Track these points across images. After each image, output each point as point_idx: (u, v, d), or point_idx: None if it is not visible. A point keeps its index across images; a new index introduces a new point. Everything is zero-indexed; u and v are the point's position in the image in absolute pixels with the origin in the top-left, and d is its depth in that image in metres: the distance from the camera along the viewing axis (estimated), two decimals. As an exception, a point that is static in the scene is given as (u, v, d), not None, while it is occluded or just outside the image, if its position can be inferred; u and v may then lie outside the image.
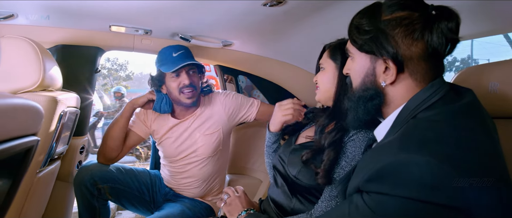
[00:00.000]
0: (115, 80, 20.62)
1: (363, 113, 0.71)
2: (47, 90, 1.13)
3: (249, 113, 1.55)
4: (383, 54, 0.64)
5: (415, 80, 0.64)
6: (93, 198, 1.37)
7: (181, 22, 1.37)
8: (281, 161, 1.07)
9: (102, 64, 22.17)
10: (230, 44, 1.63)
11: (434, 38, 0.60)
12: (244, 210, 1.02)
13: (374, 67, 0.67)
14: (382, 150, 0.60)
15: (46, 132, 1.00)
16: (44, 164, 1.09)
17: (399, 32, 0.62)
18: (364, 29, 0.66)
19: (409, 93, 0.65)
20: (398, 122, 0.65)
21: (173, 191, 1.56)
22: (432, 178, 0.49)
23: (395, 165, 0.53)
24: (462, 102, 0.61)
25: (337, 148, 0.92)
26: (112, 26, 1.39)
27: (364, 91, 0.70)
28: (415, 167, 0.50)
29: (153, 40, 1.55)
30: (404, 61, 0.63)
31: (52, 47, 1.47)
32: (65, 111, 1.09)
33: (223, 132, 1.52)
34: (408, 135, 0.57)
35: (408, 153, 0.52)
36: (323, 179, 0.89)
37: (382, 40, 0.63)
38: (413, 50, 0.62)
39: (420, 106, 0.61)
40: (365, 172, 0.57)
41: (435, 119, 0.58)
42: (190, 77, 1.41)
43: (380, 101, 0.68)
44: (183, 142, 1.48)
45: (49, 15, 1.27)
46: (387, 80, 0.65)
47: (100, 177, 1.37)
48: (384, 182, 0.54)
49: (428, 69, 0.63)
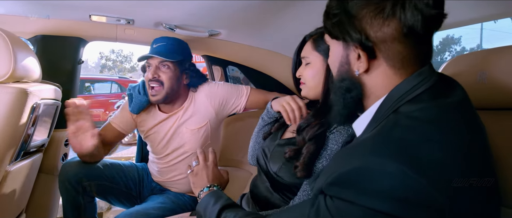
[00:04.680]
0: (120, 71, 20.79)
1: (342, 107, 0.63)
2: (21, 82, 1.10)
3: (238, 103, 1.47)
4: (347, 40, 0.56)
5: (392, 67, 0.55)
6: (78, 195, 1.32)
7: (162, 11, 1.32)
8: (264, 156, 1.03)
9: (107, 55, 22.40)
10: (217, 33, 1.57)
11: (408, 15, 0.51)
12: (207, 186, 0.90)
13: (347, 54, 0.59)
14: (353, 150, 0.53)
15: (16, 125, 0.97)
16: (17, 158, 1.07)
17: (367, 12, 0.53)
18: (332, 13, 0.58)
19: (387, 82, 0.56)
20: (378, 116, 0.57)
21: (160, 186, 1.53)
22: (405, 191, 0.43)
23: (364, 170, 0.47)
24: (452, 98, 0.53)
25: (318, 142, 0.87)
26: (93, 15, 1.35)
27: (340, 82, 0.62)
28: (386, 175, 0.44)
29: (137, 30, 1.50)
30: (376, 45, 0.54)
31: (32, 38, 1.43)
32: (38, 103, 1.06)
33: (211, 125, 1.46)
34: (384, 134, 0.50)
35: (380, 158, 0.46)
36: (301, 172, 0.85)
37: (346, 24, 0.56)
38: (385, 31, 0.53)
39: (403, 97, 0.54)
40: (331, 173, 0.51)
41: (418, 116, 0.50)
42: (156, 72, 1.33)
43: (358, 92, 0.60)
44: (171, 137, 1.44)
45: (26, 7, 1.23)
46: (360, 69, 0.57)
47: (86, 174, 1.31)
48: (349, 187, 0.48)
49: (407, 53, 0.54)
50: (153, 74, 1.32)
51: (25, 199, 1.32)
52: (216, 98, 1.45)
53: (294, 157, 0.89)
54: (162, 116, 1.44)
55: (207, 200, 0.83)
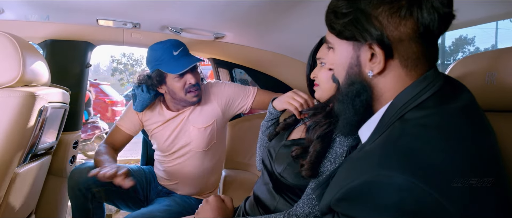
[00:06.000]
0: (131, 75, 21.10)
1: (352, 114, 0.60)
2: (29, 86, 1.12)
3: (244, 103, 1.48)
4: (367, 38, 0.53)
5: (405, 67, 0.54)
6: (87, 201, 1.34)
7: (168, 14, 1.33)
8: (269, 156, 1.02)
9: (118, 59, 22.81)
10: (222, 36, 1.58)
11: (425, 15, 0.50)
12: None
13: (358, 55, 0.57)
14: (360, 162, 0.51)
15: (24, 128, 0.99)
16: (25, 160, 1.09)
17: (383, 11, 0.51)
18: (342, 12, 0.56)
19: (399, 84, 0.54)
20: (383, 122, 0.55)
21: (166, 189, 1.53)
22: (415, 204, 0.42)
23: (372, 184, 0.45)
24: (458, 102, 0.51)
25: (325, 141, 0.86)
26: (100, 20, 1.37)
27: (350, 86, 0.59)
28: (395, 188, 0.43)
29: (143, 33, 1.52)
30: (392, 44, 0.53)
31: (42, 43, 1.47)
32: (45, 107, 1.08)
33: (218, 124, 1.47)
34: (391, 144, 0.49)
35: (388, 170, 0.44)
36: (307, 171, 0.84)
37: (364, 22, 0.53)
38: (402, 30, 0.51)
39: (409, 103, 0.52)
40: (339, 188, 0.50)
41: (425, 123, 0.49)
42: (194, 76, 1.35)
43: (367, 96, 0.58)
44: (177, 135, 1.44)
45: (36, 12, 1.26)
46: (375, 69, 0.55)
47: (95, 181, 1.30)
48: (359, 203, 0.47)
49: (420, 53, 0.53)
50: (195, 79, 1.35)
51: (35, 200, 1.34)
52: (223, 97, 1.46)
53: (300, 156, 0.89)
54: (170, 114, 1.45)
55: None
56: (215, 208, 0.92)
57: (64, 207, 1.58)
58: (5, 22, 1.32)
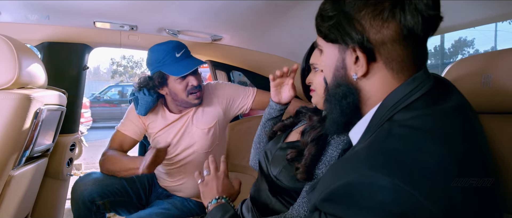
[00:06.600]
0: (131, 77, 21.11)
1: (338, 115, 0.61)
2: (26, 88, 1.12)
3: (245, 103, 1.49)
4: (348, 42, 0.54)
5: (391, 70, 0.53)
6: (90, 213, 1.33)
7: (165, 17, 1.33)
8: (266, 159, 1.02)
9: (118, 61, 22.85)
10: (219, 38, 1.58)
11: (408, 17, 0.49)
12: (215, 198, 0.89)
13: (343, 58, 0.57)
14: (347, 163, 0.51)
15: (19, 130, 0.99)
16: (20, 162, 1.08)
17: (366, 13, 0.52)
18: (327, 15, 0.56)
19: (386, 87, 0.54)
20: (372, 124, 0.55)
21: (167, 192, 1.52)
22: (397, 205, 0.42)
23: (356, 184, 0.45)
24: (448, 103, 0.51)
25: (320, 144, 0.86)
26: (97, 22, 1.37)
27: (336, 88, 0.60)
28: (378, 189, 0.43)
29: (140, 35, 1.52)
30: (375, 47, 0.53)
31: (39, 45, 1.47)
32: (41, 109, 1.08)
33: (219, 125, 1.47)
34: (377, 145, 0.49)
35: (373, 171, 0.44)
36: (302, 175, 0.83)
37: (345, 25, 0.53)
38: (385, 33, 0.51)
39: (398, 105, 0.52)
40: (324, 188, 0.50)
41: (412, 124, 0.48)
42: (196, 78, 1.34)
43: (354, 98, 0.58)
44: (181, 137, 1.44)
45: (33, 15, 1.26)
46: (358, 72, 0.55)
47: (100, 194, 1.32)
48: (342, 203, 0.47)
49: (406, 55, 0.52)
50: (197, 81, 1.35)
51: (30, 203, 1.34)
52: (224, 97, 1.47)
53: (295, 159, 0.88)
54: (173, 116, 1.44)
55: (214, 213, 0.84)
56: (221, 184, 0.94)
57: (60, 209, 1.57)
58: (2, 24, 1.32)
